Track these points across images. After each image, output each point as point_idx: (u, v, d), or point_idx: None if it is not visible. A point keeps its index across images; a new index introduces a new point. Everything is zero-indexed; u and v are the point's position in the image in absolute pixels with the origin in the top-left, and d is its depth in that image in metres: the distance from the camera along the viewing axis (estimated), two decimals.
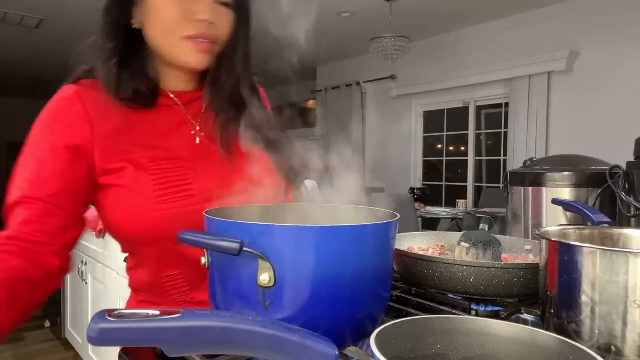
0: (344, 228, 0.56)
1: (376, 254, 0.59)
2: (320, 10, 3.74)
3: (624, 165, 1.05)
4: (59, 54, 5.45)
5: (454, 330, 0.48)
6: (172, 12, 0.72)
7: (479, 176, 4.70)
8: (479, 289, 0.73)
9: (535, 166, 1.24)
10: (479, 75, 4.32)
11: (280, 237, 0.54)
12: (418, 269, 0.79)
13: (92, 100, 0.74)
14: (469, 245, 0.86)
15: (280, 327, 0.42)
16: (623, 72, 3.49)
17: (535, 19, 3.99)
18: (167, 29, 0.73)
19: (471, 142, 4.69)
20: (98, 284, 2.30)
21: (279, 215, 0.74)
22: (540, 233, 0.63)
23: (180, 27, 0.73)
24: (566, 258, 0.55)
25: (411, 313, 0.73)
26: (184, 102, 0.82)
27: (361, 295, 0.57)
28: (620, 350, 0.51)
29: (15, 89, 7.79)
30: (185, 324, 0.38)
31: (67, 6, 3.93)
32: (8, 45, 5.08)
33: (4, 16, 4.10)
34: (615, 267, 0.51)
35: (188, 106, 0.82)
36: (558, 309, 0.57)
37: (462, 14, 4.10)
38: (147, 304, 0.85)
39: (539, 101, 3.93)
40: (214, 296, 0.62)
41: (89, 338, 0.36)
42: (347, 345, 0.58)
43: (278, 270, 0.53)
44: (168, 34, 0.73)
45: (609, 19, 3.56)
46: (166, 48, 0.75)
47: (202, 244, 0.54)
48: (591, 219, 0.86)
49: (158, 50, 0.76)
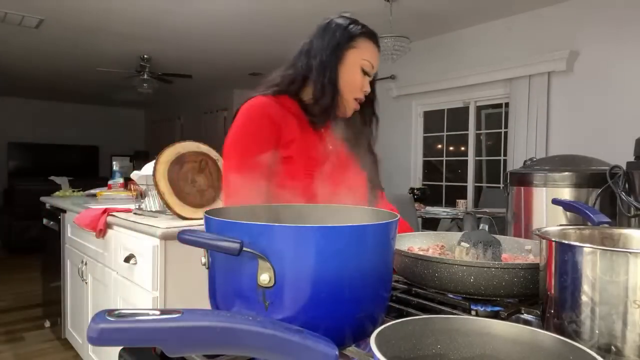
0: (344, 228, 0.56)
1: (376, 254, 0.59)
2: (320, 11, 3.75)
3: (624, 165, 1.04)
4: (59, 54, 5.46)
5: (454, 330, 0.48)
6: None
7: (479, 176, 4.70)
8: (479, 289, 0.73)
9: (535, 166, 1.24)
10: (479, 75, 4.32)
11: (280, 237, 0.54)
12: (418, 269, 0.79)
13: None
14: (469, 245, 0.86)
15: (280, 327, 0.42)
16: (623, 72, 3.49)
17: (535, 19, 3.99)
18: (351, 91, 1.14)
19: (471, 142, 4.69)
20: (98, 284, 2.30)
21: (279, 215, 0.74)
22: (540, 233, 0.63)
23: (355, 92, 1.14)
24: (566, 258, 0.55)
25: (411, 313, 0.73)
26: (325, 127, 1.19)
27: (361, 295, 0.57)
28: (620, 350, 0.51)
29: (15, 89, 7.79)
30: (185, 324, 0.38)
31: (67, 6, 3.93)
32: (8, 45, 5.08)
33: (4, 16, 4.10)
34: (615, 267, 0.51)
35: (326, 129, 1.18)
36: (558, 309, 0.57)
37: (462, 14, 4.10)
38: None
39: (539, 101, 3.93)
40: (214, 296, 0.62)
41: (89, 338, 0.36)
42: (347, 345, 0.58)
43: (278, 270, 0.53)
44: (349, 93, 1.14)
45: (609, 19, 3.56)
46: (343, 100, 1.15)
47: (202, 244, 0.54)
48: (591, 219, 0.86)
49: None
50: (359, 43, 1.13)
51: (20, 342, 3.18)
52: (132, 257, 1.84)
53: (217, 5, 3.94)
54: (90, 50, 5.26)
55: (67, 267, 2.82)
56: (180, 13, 4.12)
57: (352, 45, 1.12)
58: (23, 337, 3.25)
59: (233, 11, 4.06)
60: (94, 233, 2.16)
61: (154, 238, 1.70)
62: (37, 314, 3.58)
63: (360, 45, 1.13)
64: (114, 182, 3.20)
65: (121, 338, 0.36)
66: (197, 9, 4.01)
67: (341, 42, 1.11)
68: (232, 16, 4.18)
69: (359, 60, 1.12)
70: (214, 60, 5.71)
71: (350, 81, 1.12)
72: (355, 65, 1.12)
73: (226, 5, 3.93)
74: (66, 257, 2.83)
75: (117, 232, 2.03)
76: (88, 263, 2.42)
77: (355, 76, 1.12)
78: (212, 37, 4.77)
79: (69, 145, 9.23)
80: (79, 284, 2.57)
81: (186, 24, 4.41)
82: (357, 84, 1.13)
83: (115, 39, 4.83)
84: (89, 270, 2.41)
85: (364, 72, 1.13)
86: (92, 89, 7.63)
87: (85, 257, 2.46)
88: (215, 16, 4.18)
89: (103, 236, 2.14)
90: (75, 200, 2.96)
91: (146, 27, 4.50)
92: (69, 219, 2.69)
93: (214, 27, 4.48)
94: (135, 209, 2.15)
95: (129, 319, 0.37)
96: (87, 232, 2.28)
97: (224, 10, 4.04)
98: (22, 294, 4.27)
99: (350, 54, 1.12)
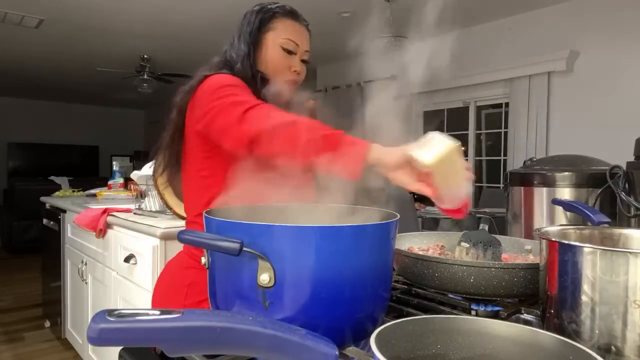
0: (344, 228, 0.56)
1: (376, 254, 0.59)
2: (320, 10, 3.75)
3: (624, 165, 1.04)
4: (59, 54, 5.45)
5: (454, 330, 0.48)
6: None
7: (479, 176, 4.70)
8: (479, 289, 0.73)
9: (535, 166, 1.24)
10: (479, 75, 4.32)
11: (280, 237, 0.54)
12: (418, 269, 0.79)
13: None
14: (469, 245, 0.86)
15: (280, 327, 0.42)
16: (623, 72, 3.49)
17: (535, 19, 3.99)
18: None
19: (471, 142, 4.69)
20: (98, 284, 2.30)
21: (279, 215, 0.74)
22: (540, 233, 0.63)
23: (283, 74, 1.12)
24: (566, 258, 0.55)
25: (411, 313, 0.73)
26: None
27: (361, 295, 0.57)
28: (620, 350, 0.51)
29: (15, 89, 7.79)
30: (185, 324, 0.38)
31: (67, 6, 3.93)
32: (8, 45, 5.08)
33: (4, 16, 4.10)
34: (615, 267, 0.51)
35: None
36: (558, 309, 0.57)
37: (462, 14, 4.10)
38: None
39: (539, 101, 3.93)
40: (214, 296, 0.62)
41: (89, 338, 0.36)
42: (347, 345, 0.58)
43: (278, 270, 0.53)
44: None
45: (609, 19, 3.56)
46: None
47: (202, 244, 0.54)
48: (591, 219, 0.86)
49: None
50: (275, 24, 1.13)
51: (20, 342, 3.18)
52: (132, 257, 1.84)
53: (217, 5, 3.94)
54: (90, 50, 5.26)
55: (67, 267, 2.82)
56: (180, 13, 4.11)
57: (268, 27, 1.13)
58: (23, 337, 3.25)
59: (233, 11, 4.06)
60: (94, 233, 2.16)
61: (154, 238, 1.70)
62: (37, 314, 3.58)
63: (277, 25, 1.13)
64: (114, 182, 3.20)
65: (121, 338, 0.36)
66: (197, 9, 4.01)
67: (255, 28, 1.12)
68: (231, 16, 4.18)
69: (277, 40, 1.12)
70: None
71: (273, 63, 1.11)
72: (274, 46, 1.12)
73: (226, 6, 3.93)
74: (66, 257, 2.83)
75: (117, 232, 2.03)
76: (88, 263, 2.42)
77: (276, 57, 1.11)
78: (213, 37, 4.76)
79: (69, 145, 9.22)
80: (79, 284, 2.57)
81: (186, 24, 4.41)
82: (280, 64, 1.11)
83: (115, 39, 4.83)
84: (89, 270, 2.41)
85: (287, 51, 1.12)
86: (92, 89, 7.62)
87: (85, 257, 2.46)
88: (215, 16, 4.18)
89: (103, 236, 2.14)
90: (75, 200, 2.96)
91: (146, 27, 4.50)
92: (69, 219, 2.69)
93: (214, 27, 4.48)
94: (135, 209, 2.15)
95: (129, 319, 0.37)
96: (87, 232, 2.28)
97: (224, 11, 4.04)
98: (22, 294, 4.27)
99: (268, 37, 1.12)
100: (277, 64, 1.11)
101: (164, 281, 1.13)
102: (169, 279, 1.11)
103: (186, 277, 1.05)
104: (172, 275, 1.11)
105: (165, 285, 1.11)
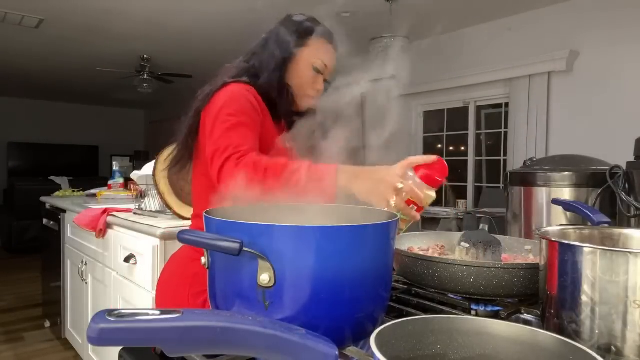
0: (344, 228, 0.56)
1: (376, 254, 0.59)
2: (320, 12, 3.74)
3: (624, 165, 1.05)
4: (59, 54, 5.45)
5: (454, 330, 0.48)
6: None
7: (479, 176, 4.70)
8: (479, 289, 0.73)
9: (535, 166, 1.24)
10: (479, 75, 4.32)
11: (280, 237, 0.54)
12: (418, 269, 0.79)
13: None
14: (469, 245, 0.86)
15: (280, 327, 0.42)
16: (623, 72, 3.49)
17: (535, 19, 3.99)
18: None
19: (471, 142, 4.68)
20: (98, 284, 2.30)
21: (279, 215, 0.74)
22: (540, 233, 0.63)
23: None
24: (566, 258, 0.55)
25: (411, 313, 0.73)
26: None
27: (361, 295, 0.57)
28: (620, 350, 0.51)
29: (15, 89, 7.79)
30: (185, 324, 0.38)
31: (67, 6, 3.93)
32: (8, 45, 5.08)
33: (4, 16, 4.10)
34: (615, 267, 0.51)
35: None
36: (558, 309, 0.57)
37: (462, 14, 4.10)
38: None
39: (539, 101, 3.93)
40: (214, 296, 0.62)
41: (89, 338, 0.36)
42: (347, 345, 0.58)
43: (278, 270, 0.53)
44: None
45: (609, 18, 3.56)
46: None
47: (202, 244, 0.54)
48: (591, 219, 0.86)
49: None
50: (312, 42, 1.16)
51: (20, 342, 3.18)
52: (132, 257, 1.84)
53: (217, 6, 3.94)
54: (90, 50, 5.26)
55: (67, 267, 2.82)
56: (180, 13, 4.11)
57: (305, 43, 1.15)
58: (23, 337, 3.25)
59: (233, 11, 4.06)
60: (94, 233, 2.16)
61: (154, 238, 1.70)
62: (37, 314, 3.58)
63: (313, 44, 1.16)
64: (114, 182, 3.20)
65: (121, 338, 0.36)
66: (197, 9, 4.01)
67: (294, 40, 1.14)
68: (231, 16, 4.18)
69: (311, 58, 1.15)
70: (214, 60, 5.69)
71: (301, 79, 1.15)
72: (306, 64, 1.15)
73: (226, 6, 3.93)
74: (66, 257, 2.83)
75: (117, 232, 2.03)
76: (88, 263, 2.42)
77: (304, 73, 1.15)
78: (212, 37, 4.76)
79: (69, 145, 9.22)
80: (79, 284, 2.57)
81: (186, 24, 4.41)
82: (307, 81, 1.15)
83: (115, 38, 4.83)
84: (89, 270, 2.41)
85: (317, 70, 1.15)
86: (92, 89, 7.62)
87: (85, 257, 2.46)
88: (215, 16, 4.18)
89: (103, 236, 2.14)
90: (75, 200, 2.96)
91: (146, 27, 4.50)
92: (69, 219, 2.69)
93: (214, 27, 4.48)
94: (135, 209, 2.15)
95: (129, 319, 0.37)
96: (87, 232, 2.28)
97: (224, 11, 4.04)
98: (22, 294, 4.27)
99: (303, 52, 1.14)
100: (304, 81, 1.15)
101: (170, 270, 1.17)
102: (175, 269, 1.15)
103: (191, 267, 1.08)
104: (177, 265, 1.15)
105: (170, 274, 1.15)
